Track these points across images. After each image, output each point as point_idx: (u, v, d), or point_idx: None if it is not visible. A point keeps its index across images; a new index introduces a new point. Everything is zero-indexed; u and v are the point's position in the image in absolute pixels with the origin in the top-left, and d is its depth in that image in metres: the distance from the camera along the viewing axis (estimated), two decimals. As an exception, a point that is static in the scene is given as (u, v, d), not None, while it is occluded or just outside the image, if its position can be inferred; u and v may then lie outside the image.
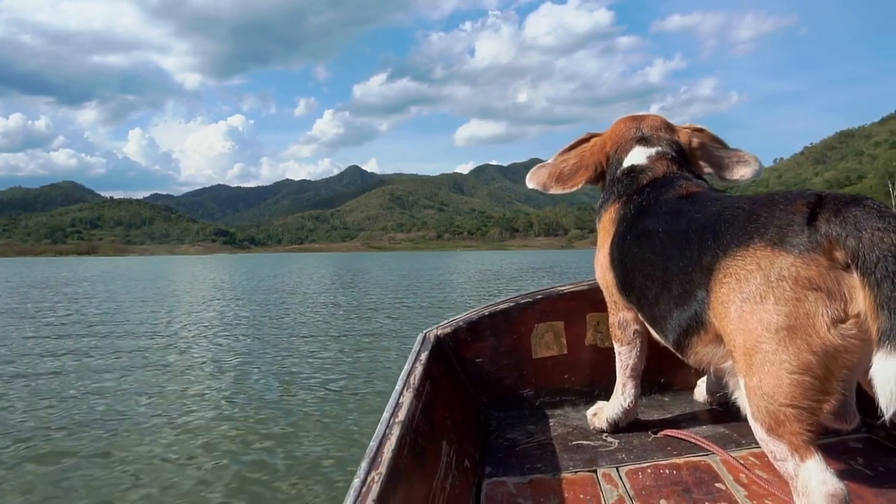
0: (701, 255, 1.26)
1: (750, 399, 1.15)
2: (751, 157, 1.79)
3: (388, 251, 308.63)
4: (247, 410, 5.35)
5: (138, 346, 9.12)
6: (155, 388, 6.30)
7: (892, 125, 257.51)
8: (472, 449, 1.75)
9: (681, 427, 1.87)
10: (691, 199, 1.49)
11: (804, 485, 1.08)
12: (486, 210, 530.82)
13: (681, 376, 2.22)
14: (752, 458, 1.63)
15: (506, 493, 1.53)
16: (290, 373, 6.93)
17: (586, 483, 1.56)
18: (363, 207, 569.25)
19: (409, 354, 1.75)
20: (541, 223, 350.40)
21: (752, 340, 1.12)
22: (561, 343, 2.16)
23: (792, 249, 1.07)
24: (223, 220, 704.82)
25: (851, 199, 1.07)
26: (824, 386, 1.06)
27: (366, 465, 1.09)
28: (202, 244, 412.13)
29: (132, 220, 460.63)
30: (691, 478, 1.55)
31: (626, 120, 1.88)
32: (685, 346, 1.38)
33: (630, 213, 1.64)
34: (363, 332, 10.11)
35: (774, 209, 1.14)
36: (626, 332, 1.80)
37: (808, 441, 1.08)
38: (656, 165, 1.71)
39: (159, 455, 4.27)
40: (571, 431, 1.92)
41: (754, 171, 1.78)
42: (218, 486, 3.70)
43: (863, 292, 1.00)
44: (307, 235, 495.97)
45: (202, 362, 7.75)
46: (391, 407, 1.35)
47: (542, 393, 2.15)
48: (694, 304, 1.29)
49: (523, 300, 2.17)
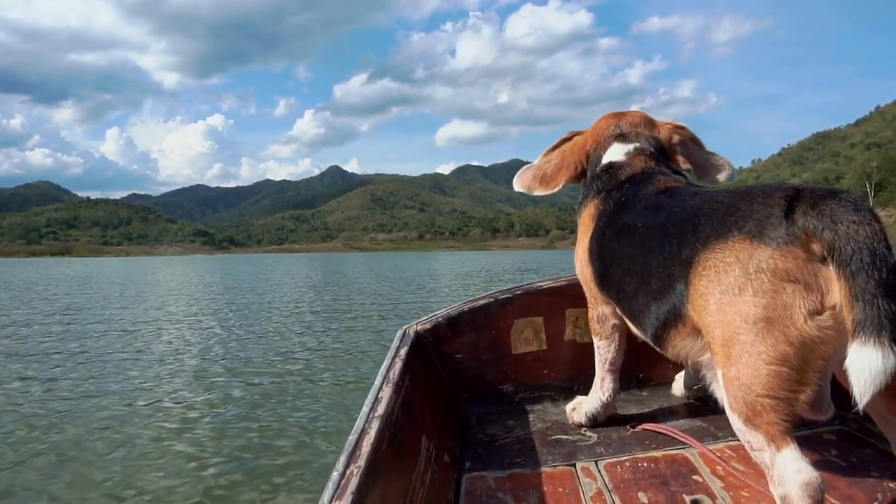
0: (680, 249, 1.27)
1: (728, 390, 1.16)
2: (725, 161, 1.81)
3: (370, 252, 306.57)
4: (224, 407, 5.27)
5: (98, 348, 8.77)
6: (128, 388, 6.22)
7: (866, 127, 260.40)
8: (452, 444, 1.75)
9: (659, 421, 1.88)
10: (670, 193, 1.50)
11: (780, 474, 1.08)
12: (467, 210, 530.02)
13: (659, 371, 2.22)
14: (728, 450, 1.65)
15: (485, 487, 1.53)
16: (269, 370, 6.83)
17: (565, 477, 1.56)
18: (344, 208, 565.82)
19: (389, 350, 1.75)
20: (522, 223, 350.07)
21: (730, 332, 1.13)
22: (540, 338, 2.15)
23: (770, 242, 1.08)
24: (202, 220, 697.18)
25: (828, 192, 1.08)
26: (801, 377, 1.07)
27: (344, 458, 1.08)
28: (181, 245, 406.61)
29: (109, 220, 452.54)
30: (669, 470, 1.56)
31: (607, 117, 1.89)
32: (664, 340, 1.39)
33: (609, 208, 1.65)
34: (343, 330, 10.00)
35: (753, 202, 1.15)
36: (604, 326, 1.81)
37: (785, 431, 1.09)
38: (634, 161, 1.73)
39: (137, 454, 4.23)
40: (551, 426, 1.92)
41: (728, 175, 1.81)
42: (196, 482, 3.69)
43: (838, 284, 1.02)
44: (287, 236, 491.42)
45: (172, 360, 7.67)
46: (370, 402, 1.34)
47: (521, 388, 2.15)
48: (673, 298, 1.30)
49: (503, 296, 2.16)
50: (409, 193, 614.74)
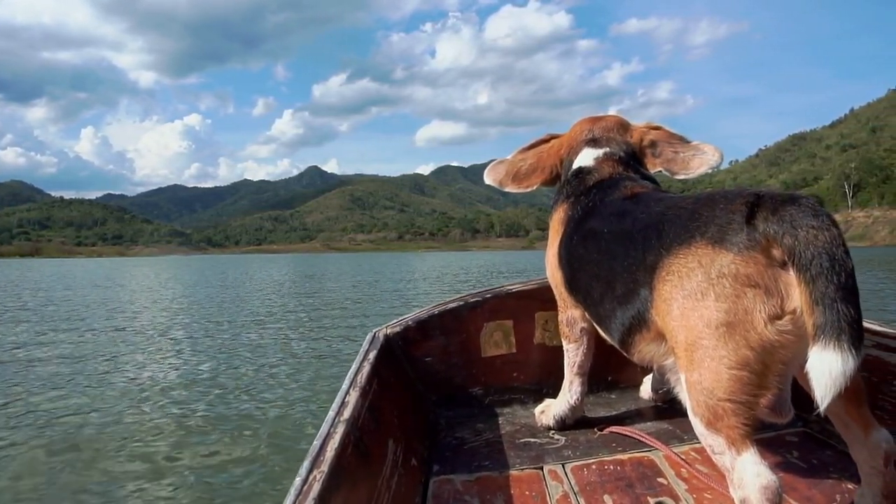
0: (645, 255, 1.28)
1: (690, 394, 1.17)
2: (709, 148, 1.77)
3: (349, 252, 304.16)
4: (189, 411, 5.23)
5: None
6: (90, 389, 6.14)
7: (841, 129, 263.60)
8: (420, 447, 1.74)
9: (626, 424, 1.89)
10: (636, 199, 1.52)
11: (740, 477, 1.09)
12: (447, 211, 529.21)
13: (627, 374, 2.24)
14: (693, 452, 1.67)
15: (452, 490, 1.53)
16: (235, 375, 6.71)
17: (532, 480, 1.57)
18: (323, 208, 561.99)
19: (358, 354, 1.74)
20: (502, 224, 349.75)
21: (692, 336, 1.14)
22: (510, 342, 2.16)
23: (732, 247, 1.10)
24: (179, 220, 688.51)
25: (788, 197, 1.09)
26: (761, 381, 1.09)
27: (308, 464, 1.07)
28: (157, 245, 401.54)
29: (83, 220, 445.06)
30: (634, 473, 1.58)
31: (583, 122, 1.90)
32: (629, 344, 1.40)
33: (577, 213, 1.67)
34: (316, 333, 9.81)
35: (715, 208, 1.16)
36: (573, 329, 1.82)
37: (745, 435, 1.10)
38: (603, 167, 1.74)
39: (95, 458, 4.16)
40: (519, 429, 1.93)
41: (711, 161, 1.75)
42: (156, 487, 3.64)
43: (798, 289, 1.03)
44: (266, 236, 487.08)
45: (137, 363, 7.54)
46: (336, 406, 1.34)
47: (491, 391, 2.15)
48: (638, 303, 1.31)
49: (472, 299, 2.16)
50: (388, 194, 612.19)
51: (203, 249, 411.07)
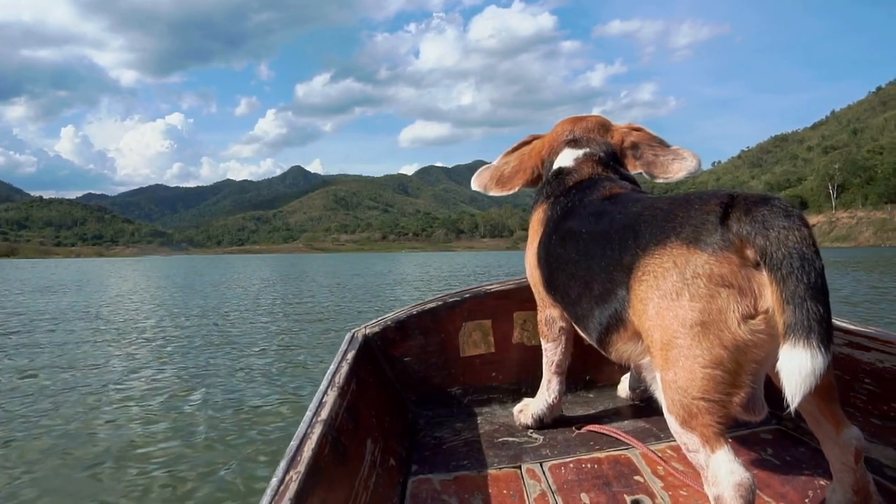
0: (622, 255, 1.28)
1: (665, 393, 1.18)
2: (688, 154, 1.78)
3: (332, 252, 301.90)
4: (164, 411, 5.13)
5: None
6: (61, 390, 5.92)
7: (823, 130, 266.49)
8: (399, 447, 1.75)
9: (603, 422, 1.90)
10: (614, 199, 1.52)
11: (714, 475, 1.10)
12: (431, 211, 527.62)
13: (605, 373, 2.25)
14: (669, 450, 1.68)
15: (431, 490, 1.54)
16: (211, 374, 6.53)
17: (510, 479, 1.58)
18: (306, 208, 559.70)
19: (336, 354, 1.74)
20: (486, 224, 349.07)
21: (668, 336, 1.15)
22: (488, 341, 2.17)
23: (706, 248, 1.10)
24: (161, 220, 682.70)
25: (760, 198, 1.10)
26: (735, 380, 1.10)
27: (284, 464, 1.07)
28: (137, 245, 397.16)
29: (63, 220, 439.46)
30: (611, 471, 1.59)
31: (565, 122, 1.91)
32: (607, 344, 1.40)
33: (556, 214, 1.68)
34: (296, 333, 9.43)
35: (690, 209, 1.17)
36: (552, 329, 1.84)
37: (719, 433, 1.11)
38: (582, 167, 1.76)
39: (70, 456, 4.07)
40: (498, 428, 1.94)
41: (690, 167, 1.76)
42: (131, 488, 3.58)
43: (770, 288, 1.04)
44: (248, 237, 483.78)
45: (112, 364, 7.21)
46: (314, 406, 1.34)
47: (469, 391, 2.16)
48: (615, 303, 1.31)
49: (451, 299, 2.16)
50: (372, 194, 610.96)
51: (185, 250, 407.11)
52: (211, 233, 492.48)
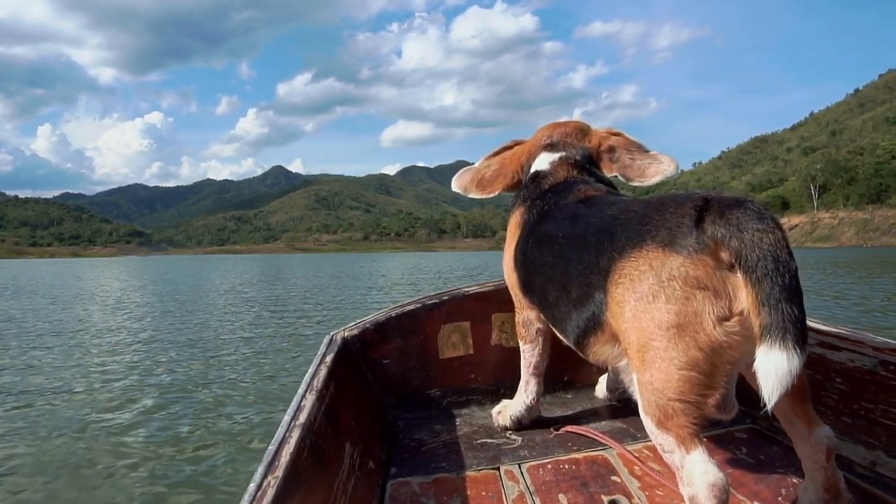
0: (598, 258, 1.29)
1: (641, 394, 1.19)
2: (666, 159, 1.79)
3: (314, 253, 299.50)
4: (140, 416, 5.06)
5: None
6: (33, 393, 5.88)
7: (802, 132, 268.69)
8: (378, 450, 1.74)
9: (582, 423, 1.91)
10: (589, 202, 1.54)
11: (689, 475, 1.11)
12: (413, 211, 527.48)
13: (583, 374, 2.26)
14: (646, 450, 1.70)
15: (410, 493, 1.54)
16: (188, 378, 6.45)
17: (489, 480, 1.58)
18: (287, 208, 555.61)
19: (315, 357, 1.74)
20: (468, 225, 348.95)
21: (644, 338, 1.16)
22: (467, 343, 2.18)
23: (681, 250, 1.11)
24: (140, 220, 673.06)
25: (734, 201, 1.11)
26: (710, 381, 1.11)
27: (262, 469, 1.06)
28: (115, 245, 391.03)
29: (39, 220, 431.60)
30: (589, 472, 1.60)
31: (545, 127, 1.94)
32: (585, 346, 1.41)
33: (532, 217, 1.70)
34: (275, 336, 9.27)
35: (665, 212, 1.18)
36: (530, 330, 1.86)
37: (694, 434, 1.12)
38: (558, 170, 1.78)
39: (38, 463, 4.01)
40: (477, 430, 1.94)
41: (667, 172, 1.77)
42: (104, 496, 3.50)
43: (745, 290, 1.05)
44: (229, 237, 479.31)
45: (84, 367, 7.11)
46: (292, 410, 1.33)
47: (448, 393, 2.16)
48: (592, 306, 1.32)
49: (430, 301, 2.17)
50: (354, 194, 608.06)
51: (163, 250, 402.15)
52: (191, 233, 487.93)
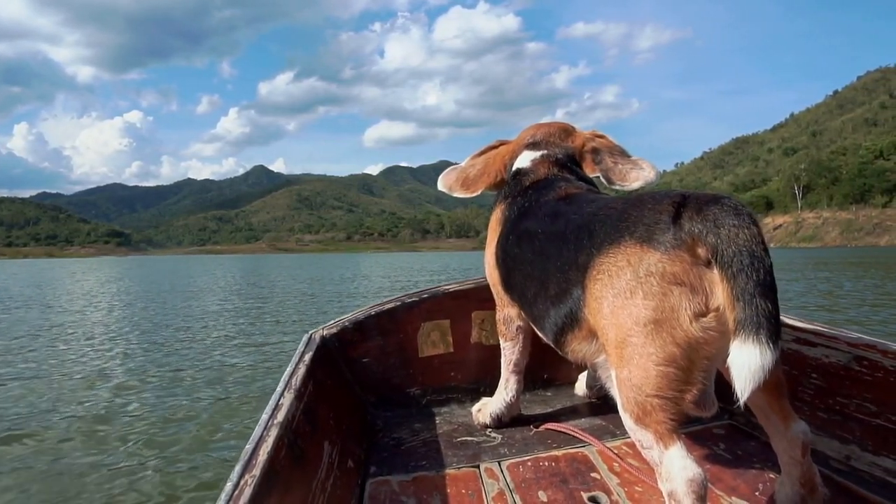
0: (577, 254, 1.30)
1: (620, 390, 1.19)
2: (647, 165, 1.81)
3: (296, 253, 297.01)
4: (115, 415, 5.00)
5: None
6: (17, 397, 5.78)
7: (783, 133, 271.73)
8: (357, 449, 1.74)
9: (561, 420, 1.92)
10: (569, 200, 1.55)
11: (667, 471, 1.12)
12: (396, 211, 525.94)
13: (563, 371, 2.27)
14: (625, 447, 1.70)
15: (389, 491, 1.54)
16: (165, 377, 6.39)
17: (469, 478, 1.58)
18: (269, 208, 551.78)
19: (293, 356, 1.74)
20: (452, 224, 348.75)
21: (622, 334, 1.16)
22: (447, 341, 2.18)
23: (659, 247, 1.12)
24: (119, 220, 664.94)
25: (711, 197, 1.12)
26: (687, 377, 1.11)
27: (239, 468, 1.06)
28: (94, 246, 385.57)
29: (15, 220, 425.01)
30: (569, 469, 1.61)
31: (530, 128, 1.96)
32: (563, 343, 1.42)
33: (513, 214, 1.71)
34: (253, 335, 9.19)
35: (643, 209, 1.19)
36: (510, 328, 1.87)
37: (672, 430, 1.13)
38: (539, 168, 1.79)
39: (16, 462, 3.96)
40: (457, 428, 1.94)
41: (647, 177, 1.78)
42: (78, 494, 3.46)
43: (721, 286, 1.06)
44: (210, 237, 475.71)
45: (63, 367, 6.98)
46: (270, 409, 1.33)
47: (428, 391, 2.17)
48: (570, 302, 1.33)
49: (409, 299, 2.17)
50: (336, 194, 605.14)
51: (143, 250, 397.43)
52: (171, 233, 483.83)
